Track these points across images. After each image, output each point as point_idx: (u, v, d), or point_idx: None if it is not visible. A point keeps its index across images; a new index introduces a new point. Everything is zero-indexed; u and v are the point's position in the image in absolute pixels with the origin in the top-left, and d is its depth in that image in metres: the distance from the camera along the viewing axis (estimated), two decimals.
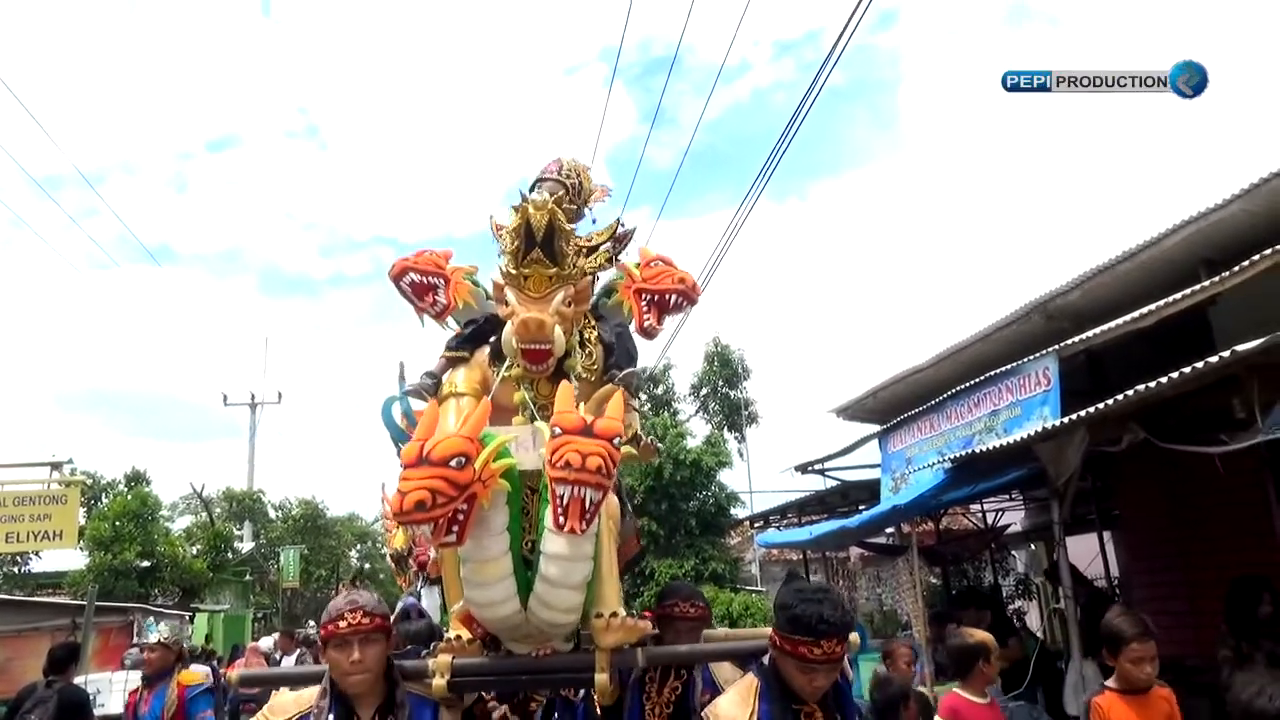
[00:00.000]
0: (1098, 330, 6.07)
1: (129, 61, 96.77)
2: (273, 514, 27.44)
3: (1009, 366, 6.91)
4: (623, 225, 3.36)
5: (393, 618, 3.48)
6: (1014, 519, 12.02)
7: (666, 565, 16.20)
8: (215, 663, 13.25)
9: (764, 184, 8.53)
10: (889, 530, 9.51)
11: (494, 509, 2.48)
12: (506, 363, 2.90)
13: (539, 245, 2.72)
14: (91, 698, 7.19)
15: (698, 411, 22.43)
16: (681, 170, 34.98)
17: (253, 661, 11.91)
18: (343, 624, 2.42)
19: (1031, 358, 6.66)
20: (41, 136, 63.29)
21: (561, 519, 2.31)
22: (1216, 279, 5.26)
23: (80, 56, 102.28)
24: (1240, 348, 4.17)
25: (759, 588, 20.20)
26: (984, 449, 5.93)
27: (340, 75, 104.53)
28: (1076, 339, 6.24)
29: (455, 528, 2.31)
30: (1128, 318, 5.80)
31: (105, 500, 19.38)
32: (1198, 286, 5.40)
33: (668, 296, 3.15)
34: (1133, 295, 6.71)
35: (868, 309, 73.07)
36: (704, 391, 22.50)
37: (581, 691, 3.40)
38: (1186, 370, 4.47)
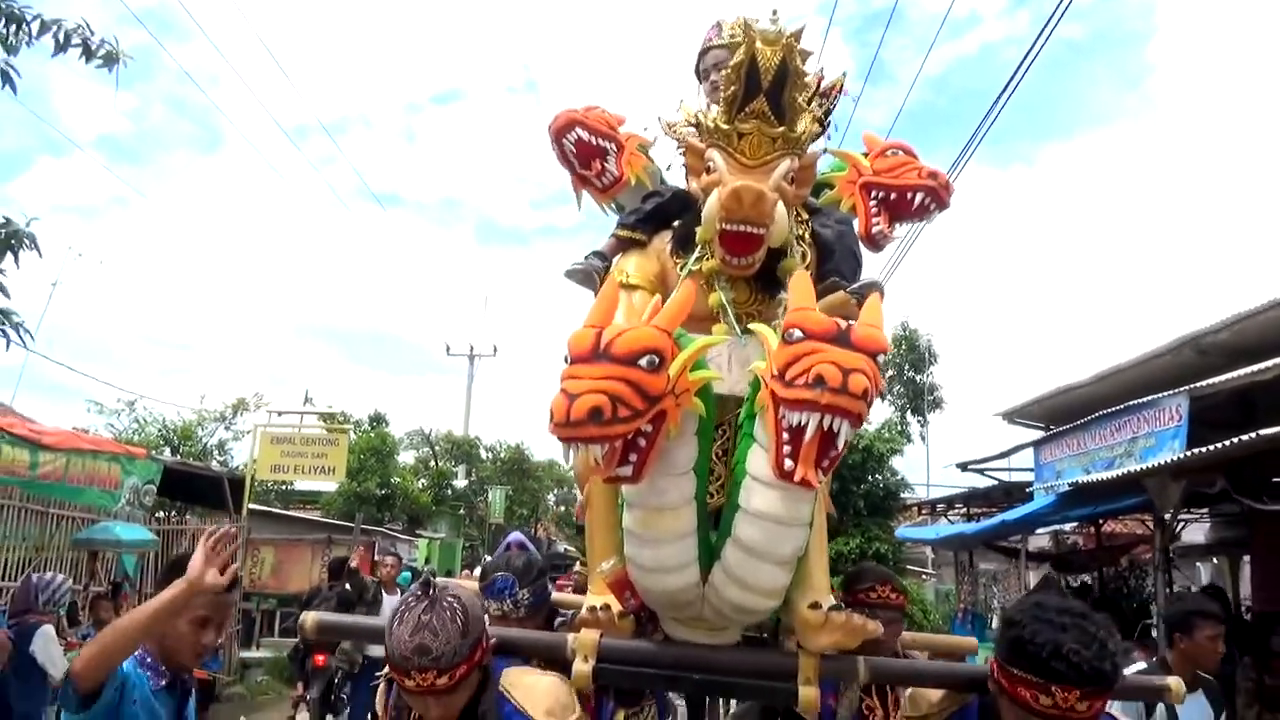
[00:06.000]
0: (1227, 376, 6.52)
1: (369, 20, 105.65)
2: (484, 454, 30.38)
3: (1146, 400, 7.40)
4: (823, 76, 2.36)
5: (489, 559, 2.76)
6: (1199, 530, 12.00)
7: (832, 543, 17.09)
8: None
9: (975, 147, 8.01)
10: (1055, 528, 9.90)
11: (680, 439, 1.83)
12: (696, 252, 2.22)
13: (764, 93, 1.95)
14: None
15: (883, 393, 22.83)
16: (896, 129, 33.82)
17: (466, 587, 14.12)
18: (409, 684, 1.68)
19: (1167, 394, 7.13)
20: (291, 90, 70.58)
21: (788, 461, 1.65)
22: None
23: (327, 16, 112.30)
24: None
25: (931, 570, 20.64)
26: (1090, 480, 6.62)
27: (562, 31, 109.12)
28: (1206, 382, 6.70)
29: (634, 455, 1.72)
30: (1252, 369, 6.25)
31: (352, 436, 22.63)
32: None
33: (910, 195, 2.31)
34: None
35: (1083, 294, 68.49)
36: (889, 374, 22.92)
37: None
38: (1266, 431, 5.07)
